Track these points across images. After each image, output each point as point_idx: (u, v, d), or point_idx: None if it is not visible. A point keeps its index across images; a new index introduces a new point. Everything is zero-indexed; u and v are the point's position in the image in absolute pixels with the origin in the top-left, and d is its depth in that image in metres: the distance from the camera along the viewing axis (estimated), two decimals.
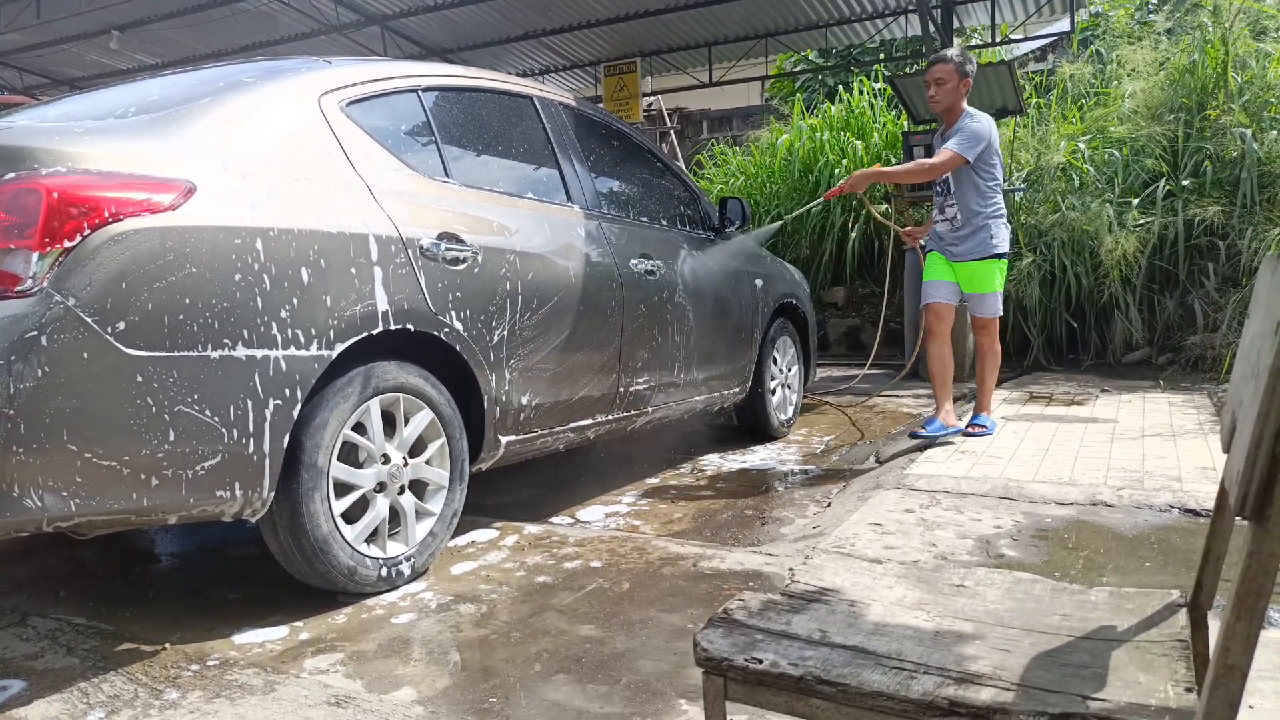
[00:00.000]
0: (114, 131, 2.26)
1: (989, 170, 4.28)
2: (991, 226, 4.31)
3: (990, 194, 4.31)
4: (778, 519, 3.54)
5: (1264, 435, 0.84)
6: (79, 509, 1.98)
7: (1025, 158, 8.46)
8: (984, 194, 4.29)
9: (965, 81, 4.27)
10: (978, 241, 4.33)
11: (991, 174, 4.30)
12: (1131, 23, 9.64)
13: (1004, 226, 4.37)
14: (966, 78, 4.28)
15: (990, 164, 4.29)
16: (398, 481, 2.64)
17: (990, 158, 4.29)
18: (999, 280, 4.39)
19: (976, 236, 4.33)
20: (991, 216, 4.31)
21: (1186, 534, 2.97)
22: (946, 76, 4.25)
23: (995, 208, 4.31)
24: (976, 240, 4.34)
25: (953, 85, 4.24)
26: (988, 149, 4.24)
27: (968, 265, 4.37)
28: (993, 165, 4.30)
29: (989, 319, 4.44)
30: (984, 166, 4.26)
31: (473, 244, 2.86)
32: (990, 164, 4.29)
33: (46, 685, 2.06)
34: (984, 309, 4.43)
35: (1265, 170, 7.02)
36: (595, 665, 2.11)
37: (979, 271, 4.36)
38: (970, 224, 4.34)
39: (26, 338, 1.89)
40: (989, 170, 4.28)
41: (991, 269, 4.36)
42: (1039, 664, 1.15)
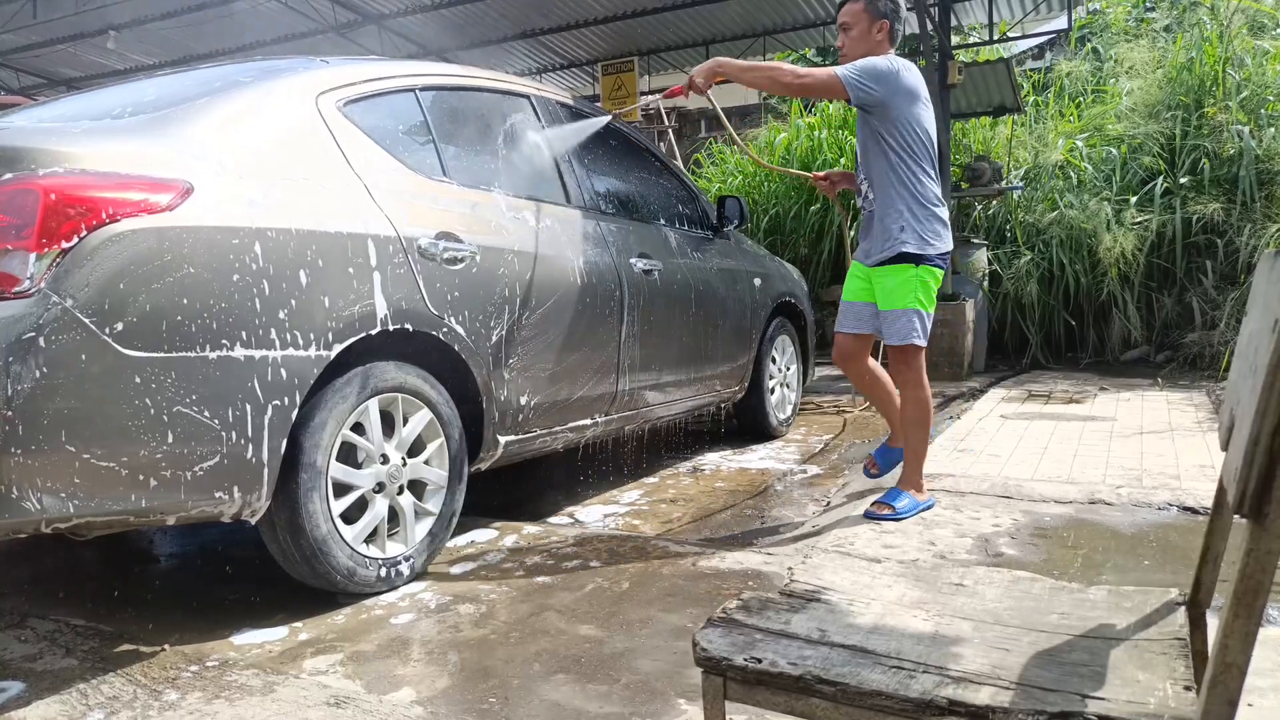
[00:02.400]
0: (111, 132, 2.26)
1: (902, 136, 3.09)
2: (908, 217, 3.11)
3: (909, 174, 3.11)
4: (777, 518, 3.54)
5: (1262, 433, 0.84)
6: (77, 510, 1.98)
7: (1023, 156, 8.46)
8: (898, 171, 3.11)
9: (880, 24, 3.15)
10: (885, 236, 3.16)
11: (908, 145, 3.10)
12: (1129, 20, 9.64)
13: (932, 223, 3.14)
14: (882, 19, 3.15)
15: (906, 130, 3.09)
16: (396, 482, 2.64)
17: (905, 119, 3.08)
18: (919, 295, 3.13)
19: (885, 228, 3.16)
20: (913, 204, 3.11)
21: (1185, 532, 2.97)
22: (853, 20, 3.18)
23: (918, 194, 3.11)
24: (884, 234, 3.16)
25: (862, 30, 3.16)
26: (898, 104, 3.06)
27: (879, 271, 3.20)
28: (911, 133, 3.09)
29: (902, 349, 3.18)
30: (892, 128, 3.08)
31: (471, 243, 2.86)
32: (906, 130, 3.09)
33: (45, 686, 2.05)
34: (893, 333, 3.17)
35: (1263, 167, 7.03)
36: (595, 665, 2.11)
37: (887, 280, 3.17)
38: (883, 213, 3.18)
39: (24, 339, 1.88)
40: (902, 136, 3.09)
41: (904, 276, 3.13)
42: (1038, 663, 1.15)
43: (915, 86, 3.09)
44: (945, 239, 3.18)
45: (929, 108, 3.17)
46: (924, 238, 3.11)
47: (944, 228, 3.18)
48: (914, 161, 3.11)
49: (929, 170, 3.14)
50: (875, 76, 3.00)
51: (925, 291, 3.15)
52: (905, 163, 3.10)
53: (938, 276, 3.19)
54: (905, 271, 3.13)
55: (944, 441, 4.46)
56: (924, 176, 3.12)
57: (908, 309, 3.13)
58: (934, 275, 3.17)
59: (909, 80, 3.06)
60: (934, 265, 3.15)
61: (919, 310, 3.14)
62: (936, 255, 3.15)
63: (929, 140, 3.14)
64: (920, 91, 3.11)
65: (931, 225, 3.13)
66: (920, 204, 3.11)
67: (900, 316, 3.15)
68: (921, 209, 3.11)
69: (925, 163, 3.13)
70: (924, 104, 3.13)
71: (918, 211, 3.11)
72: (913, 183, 3.11)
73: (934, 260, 3.15)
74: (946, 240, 3.19)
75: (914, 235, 3.11)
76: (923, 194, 3.11)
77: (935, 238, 3.14)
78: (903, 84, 3.05)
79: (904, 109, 3.06)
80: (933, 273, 3.16)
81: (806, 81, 3.06)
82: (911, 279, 3.13)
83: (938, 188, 3.17)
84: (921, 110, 3.11)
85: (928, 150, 3.14)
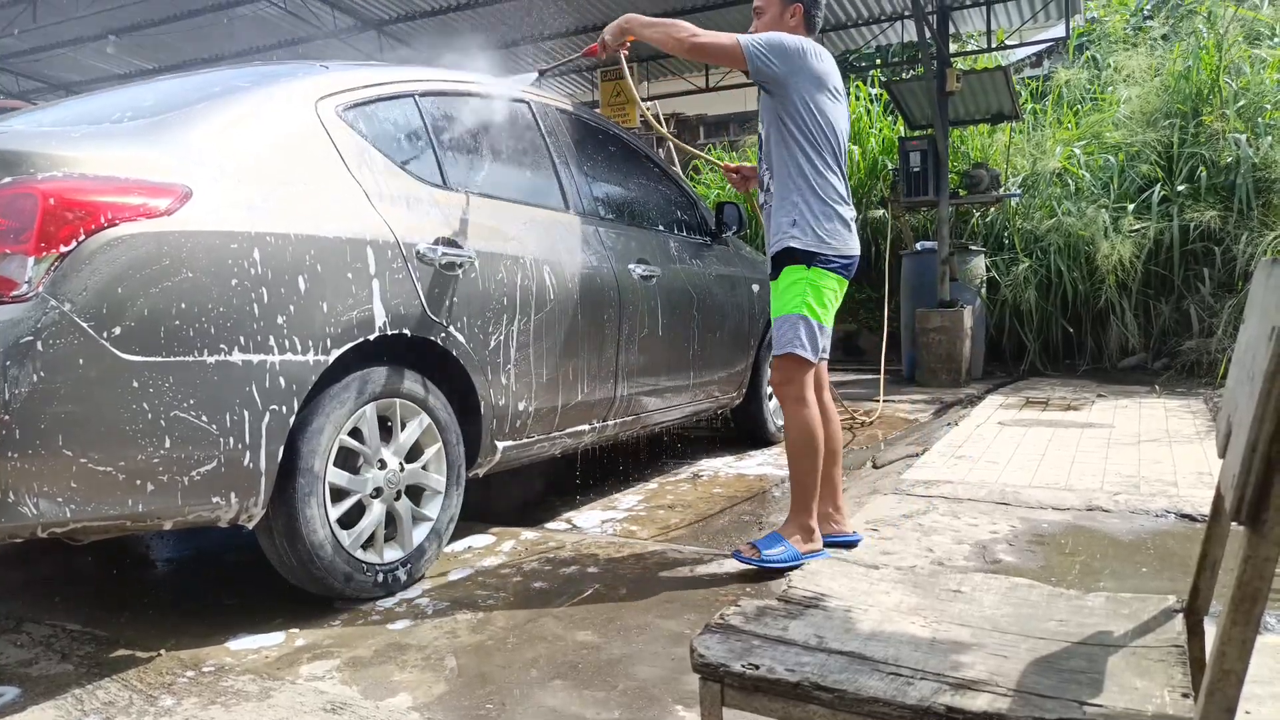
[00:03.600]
0: (110, 136, 2.26)
1: (803, 122, 2.81)
2: (802, 209, 2.81)
3: (808, 163, 2.82)
4: (774, 524, 3.53)
5: (1259, 440, 0.84)
6: (74, 515, 1.98)
7: (1021, 163, 8.48)
8: (797, 160, 2.83)
9: (793, 9, 2.94)
10: (777, 230, 2.88)
11: (809, 133, 2.81)
12: (1127, 29, 9.68)
13: (830, 220, 2.81)
14: (795, 3, 2.94)
15: (807, 116, 2.81)
16: (394, 487, 2.63)
17: (806, 104, 2.80)
18: (808, 299, 2.80)
19: (777, 222, 2.88)
20: (810, 196, 2.81)
21: (1183, 539, 2.97)
22: (765, 4, 2.99)
23: (815, 186, 2.81)
24: (776, 228, 2.88)
25: (774, 15, 2.97)
26: (800, 86, 2.79)
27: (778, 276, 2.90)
28: (812, 120, 2.82)
29: (783, 359, 2.84)
30: (794, 112, 2.80)
31: (469, 249, 2.86)
32: (807, 116, 2.81)
33: (41, 692, 2.05)
34: (777, 340, 2.87)
35: (1260, 175, 7.05)
36: (592, 671, 2.10)
37: (779, 283, 2.88)
38: (778, 205, 2.88)
39: (22, 343, 1.88)
40: (803, 122, 2.81)
41: (793, 278, 2.82)
42: (1035, 669, 1.15)
43: (823, 73, 2.83)
44: (846, 241, 2.86)
45: (838, 102, 2.89)
46: (819, 234, 2.80)
47: (846, 228, 2.87)
48: (814, 151, 2.82)
49: (831, 165, 2.85)
50: (779, 51, 2.78)
51: (817, 297, 2.81)
52: (805, 151, 2.82)
53: (836, 283, 2.85)
54: (795, 273, 2.82)
55: (941, 448, 4.46)
56: (825, 169, 2.83)
57: (792, 314, 2.81)
58: (830, 280, 2.83)
59: (816, 65, 2.82)
60: (830, 269, 2.82)
61: (805, 317, 2.80)
62: (835, 256, 2.83)
63: (833, 133, 2.85)
64: (828, 80, 2.85)
65: (830, 223, 2.82)
66: (818, 197, 2.81)
67: (784, 322, 2.83)
68: (819, 203, 2.81)
69: (828, 155, 2.84)
70: (831, 95, 2.86)
71: (814, 205, 2.81)
72: (812, 174, 2.82)
73: (831, 262, 2.82)
74: (848, 243, 2.87)
75: (807, 230, 2.81)
76: (821, 187, 2.82)
77: (833, 236, 2.82)
78: (808, 66, 2.80)
79: (806, 93, 2.80)
80: (827, 277, 2.82)
81: (704, 42, 2.80)
82: (800, 281, 2.81)
83: (842, 185, 2.89)
84: (827, 101, 2.84)
85: (831, 143, 2.85)
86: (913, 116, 8.42)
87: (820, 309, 2.81)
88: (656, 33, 2.88)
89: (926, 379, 7.24)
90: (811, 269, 2.80)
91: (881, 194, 9.14)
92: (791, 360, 2.81)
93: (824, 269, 2.81)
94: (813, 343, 2.80)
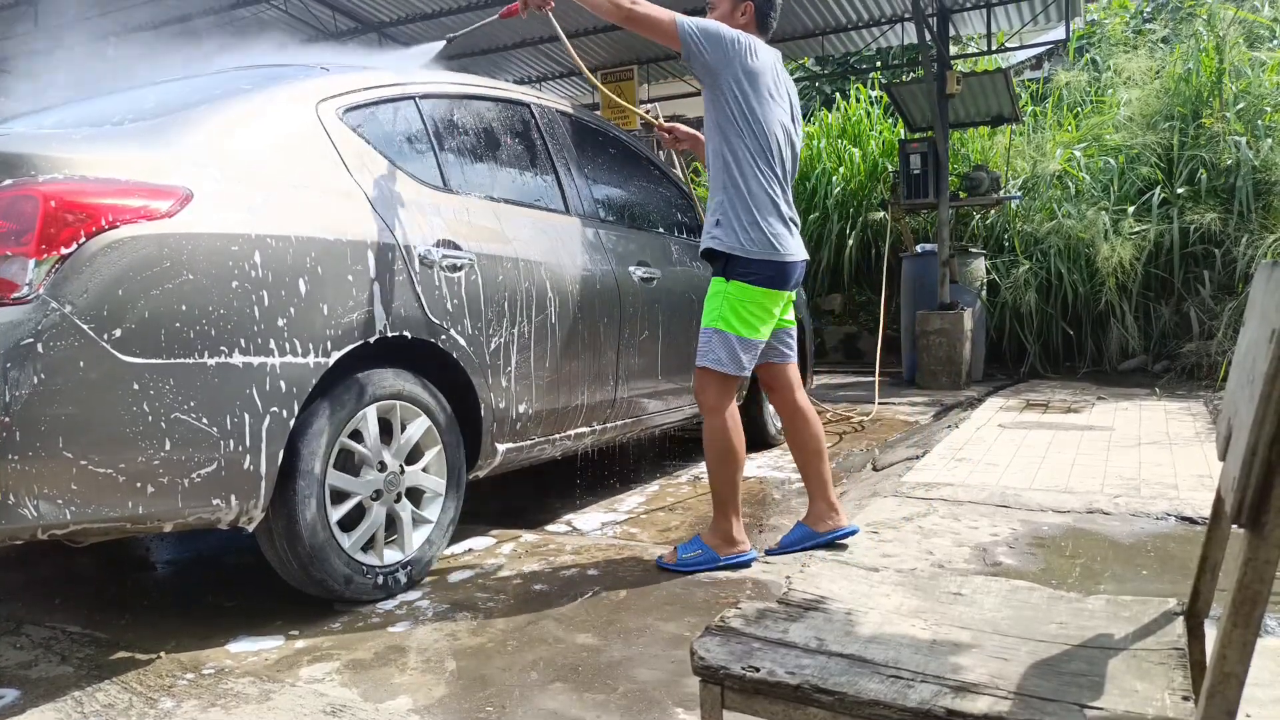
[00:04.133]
0: (111, 139, 2.26)
1: (732, 117, 2.73)
2: (726, 209, 2.74)
3: (734, 162, 2.73)
4: (774, 526, 3.54)
5: (1259, 443, 0.84)
6: (74, 517, 1.97)
7: (1021, 165, 8.49)
8: (724, 156, 2.75)
9: (744, 7, 2.88)
10: (706, 226, 2.84)
11: (738, 129, 2.73)
12: (1127, 31, 9.69)
13: (755, 229, 2.72)
14: (747, 1, 2.89)
15: (737, 112, 2.73)
16: (394, 489, 2.63)
17: (737, 99, 2.72)
18: (725, 314, 2.75)
19: (708, 217, 2.83)
20: (734, 196, 2.73)
21: (1183, 542, 2.97)
22: (717, 1, 2.94)
23: (743, 188, 2.72)
24: (706, 223, 2.84)
25: (724, 11, 2.89)
26: (730, 78, 2.71)
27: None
28: (742, 117, 2.72)
29: (700, 370, 2.82)
30: (724, 105, 2.74)
31: (470, 251, 2.86)
32: (737, 112, 2.73)
33: (40, 694, 2.05)
34: (699, 348, 2.83)
35: (1260, 178, 7.05)
36: (592, 674, 2.10)
37: (708, 292, 2.84)
38: (709, 200, 2.85)
39: (22, 345, 1.88)
40: (732, 117, 2.73)
41: (714, 290, 2.80)
42: (1036, 672, 1.14)
43: (757, 70, 2.73)
44: (775, 246, 2.74)
45: (774, 102, 2.78)
46: (741, 238, 2.72)
47: (776, 233, 2.74)
48: (742, 148, 2.73)
49: (761, 165, 2.73)
50: (713, 39, 2.70)
51: (735, 312, 2.73)
52: (732, 148, 2.74)
53: (762, 297, 2.74)
54: (715, 285, 2.80)
55: (942, 451, 4.45)
56: (753, 169, 2.73)
57: (709, 328, 2.78)
58: (752, 294, 2.73)
59: (750, 62, 2.72)
60: (753, 282, 2.73)
61: (721, 331, 2.75)
62: (760, 262, 2.72)
63: (764, 133, 2.74)
64: (762, 79, 2.74)
65: (755, 226, 2.72)
66: (743, 197, 2.72)
67: (704, 333, 2.81)
68: (743, 204, 2.72)
69: (757, 154, 2.73)
70: (766, 96, 2.76)
71: (738, 205, 2.72)
72: (737, 172, 2.73)
73: (753, 274, 2.72)
74: (778, 248, 2.74)
75: (730, 231, 2.73)
76: (748, 187, 2.72)
77: (757, 240, 2.72)
78: (741, 60, 2.71)
79: (736, 87, 2.72)
80: (748, 291, 2.73)
81: (640, 13, 2.69)
82: (718, 295, 2.78)
83: (775, 187, 2.76)
84: (759, 99, 2.74)
85: (761, 143, 2.73)
86: (913, 119, 8.43)
87: (740, 324, 2.75)
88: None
89: (927, 381, 7.24)
90: (730, 283, 2.75)
91: (882, 196, 9.15)
92: (708, 373, 2.79)
93: (744, 283, 2.73)
94: (730, 357, 2.75)
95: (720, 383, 2.79)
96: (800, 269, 2.87)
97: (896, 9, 8.84)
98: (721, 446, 2.83)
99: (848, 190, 9.47)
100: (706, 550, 2.80)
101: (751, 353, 2.81)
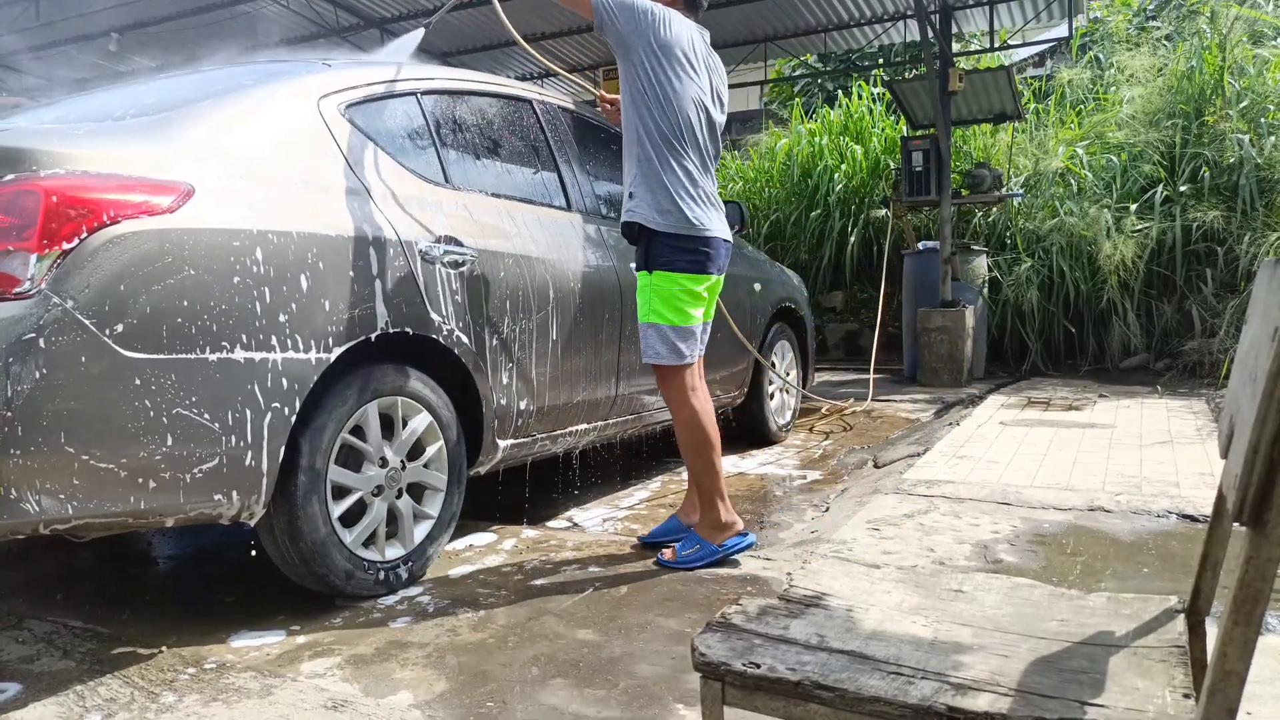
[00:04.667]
0: (113, 134, 2.26)
1: (645, 91, 2.67)
2: (638, 182, 2.71)
3: (648, 137, 2.68)
4: (775, 523, 3.54)
5: (1261, 441, 0.84)
6: (76, 511, 1.98)
7: (1024, 163, 8.48)
8: (636, 131, 2.70)
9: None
10: (624, 199, 2.79)
11: (648, 103, 2.67)
12: (1130, 28, 9.67)
13: (671, 199, 2.67)
14: None
15: (650, 86, 2.67)
16: (395, 485, 2.64)
17: (650, 72, 2.66)
18: (657, 306, 2.72)
19: (626, 191, 2.77)
20: (644, 169, 2.69)
21: (1184, 540, 2.97)
22: None
23: (649, 158, 2.68)
24: (624, 196, 2.79)
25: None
26: (643, 50, 2.64)
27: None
28: (656, 90, 2.66)
29: (660, 368, 2.79)
30: (636, 78, 2.67)
31: (472, 247, 2.86)
32: (650, 86, 2.67)
33: (42, 688, 2.05)
34: (642, 346, 2.80)
35: (1263, 176, 7.04)
36: (593, 669, 2.10)
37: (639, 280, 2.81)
38: (625, 173, 2.79)
39: (24, 339, 1.88)
40: (645, 91, 2.67)
41: (641, 284, 2.78)
42: (1037, 669, 1.14)
43: (668, 42, 2.65)
44: (691, 221, 2.68)
45: (690, 79, 2.71)
46: (655, 211, 2.67)
47: (690, 209, 2.68)
48: (654, 123, 2.68)
49: (675, 143, 2.68)
50: (626, 9, 2.63)
51: (664, 300, 2.70)
52: (644, 121, 2.69)
53: (690, 282, 2.69)
54: (641, 279, 2.78)
55: (943, 448, 4.46)
56: (665, 143, 2.68)
57: (645, 323, 2.76)
58: (679, 281, 2.68)
59: (663, 34, 2.64)
60: (675, 270, 2.68)
61: (655, 325, 2.73)
62: (675, 238, 2.66)
63: (677, 109, 2.67)
64: (673, 50, 2.66)
65: (668, 200, 2.67)
66: (654, 171, 2.68)
67: (641, 329, 2.79)
68: (655, 177, 2.68)
69: (670, 131, 2.68)
70: (682, 70, 2.68)
71: (650, 179, 2.69)
72: (650, 146, 2.68)
73: (672, 256, 2.67)
74: (694, 223, 2.68)
75: (643, 203, 2.69)
76: (660, 161, 2.68)
77: (670, 214, 2.67)
78: (655, 32, 2.63)
79: (647, 59, 2.65)
80: (673, 280, 2.68)
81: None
82: (646, 289, 2.75)
83: (689, 162, 2.70)
84: (672, 72, 2.66)
85: (674, 120, 2.67)
86: (915, 116, 8.42)
87: (671, 313, 2.71)
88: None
89: (928, 379, 7.24)
90: (653, 274, 2.72)
91: (884, 193, 9.14)
92: (657, 369, 2.79)
93: (666, 271, 2.70)
94: (670, 349, 2.73)
95: (672, 375, 2.77)
96: (725, 250, 2.81)
97: (899, 6, 8.83)
98: (695, 436, 2.79)
99: (850, 187, 9.47)
100: (705, 545, 2.80)
101: (689, 340, 2.77)
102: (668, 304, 2.71)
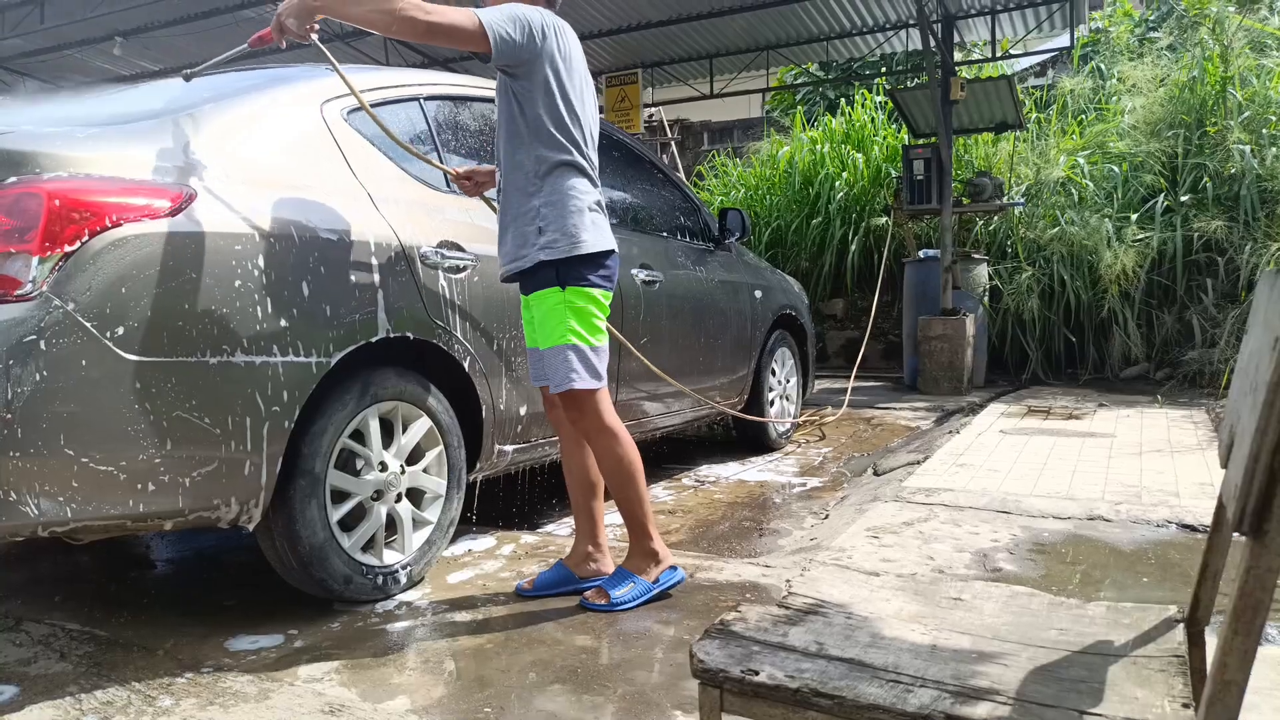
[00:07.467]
0: (115, 137, 2.26)
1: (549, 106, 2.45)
2: (545, 213, 2.45)
3: (554, 155, 2.46)
4: (775, 530, 3.54)
5: (1262, 450, 0.84)
6: (75, 514, 1.98)
7: (1025, 172, 8.49)
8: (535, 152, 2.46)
9: None
10: (520, 240, 2.49)
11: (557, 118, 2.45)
12: (1132, 39, 9.69)
13: (571, 215, 2.45)
14: None
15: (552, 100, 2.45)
16: (395, 489, 2.63)
17: (553, 86, 2.44)
18: (572, 323, 2.47)
19: (520, 230, 2.49)
20: (551, 196, 2.45)
21: (1184, 549, 2.96)
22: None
23: (557, 183, 2.46)
24: (519, 237, 2.49)
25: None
26: (546, 65, 2.42)
27: (528, 300, 2.56)
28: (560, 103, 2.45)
29: (568, 395, 2.51)
30: (538, 95, 2.44)
31: (473, 253, 2.86)
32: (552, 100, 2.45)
33: (39, 691, 2.05)
34: (553, 379, 2.51)
35: (1264, 186, 7.05)
36: (590, 676, 2.10)
37: (535, 310, 2.53)
38: (518, 208, 2.50)
39: (25, 342, 1.89)
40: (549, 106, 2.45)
41: (549, 304, 2.48)
42: (1036, 678, 1.14)
43: (569, 50, 2.48)
44: (600, 234, 2.50)
45: (586, 86, 2.56)
46: (572, 236, 2.44)
47: (597, 221, 2.51)
48: (563, 139, 2.46)
49: (577, 154, 2.49)
50: (524, 29, 2.36)
51: (581, 318, 2.48)
52: (548, 142, 2.45)
53: (601, 296, 2.52)
54: (550, 297, 2.48)
55: (943, 456, 4.45)
56: (572, 161, 2.48)
57: (560, 345, 2.48)
58: (590, 296, 2.49)
59: (560, 42, 2.45)
60: (587, 285, 2.48)
61: (574, 345, 2.47)
62: (590, 258, 2.47)
63: (576, 119, 2.49)
64: (573, 57, 2.50)
65: (580, 216, 2.45)
66: (564, 194, 2.45)
67: (553, 355, 2.48)
68: (566, 199, 2.45)
69: (571, 144, 2.48)
70: (579, 78, 2.51)
71: (562, 204, 2.45)
72: (558, 167, 2.46)
73: (586, 278, 2.47)
74: (603, 237, 2.51)
75: (559, 233, 2.43)
76: (569, 182, 2.46)
77: (584, 231, 2.45)
78: (555, 43, 2.44)
79: (554, 76, 2.44)
80: (584, 295, 2.48)
81: (435, 21, 2.23)
82: (558, 306, 2.47)
83: (592, 171, 2.54)
84: (573, 81, 2.49)
85: (583, 133, 2.51)
86: (917, 125, 8.44)
87: (587, 329, 2.50)
88: (365, 11, 2.22)
89: (928, 386, 7.24)
90: (567, 290, 2.47)
91: (885, 201, 9.15)
92: (576, 394, 2.50)
93: (581, 287, 2.48)
94: (589, 368, 2.50)
95: (591, 399, 2.52)
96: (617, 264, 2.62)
97: (901, 15, 8.85)
98: (619, 466, 2.57)
99: (851, 195, 9.48)
100: (639, 581, 2.57)
101: (603, 358, 2.56)
102: (584, 323, 2.49)
